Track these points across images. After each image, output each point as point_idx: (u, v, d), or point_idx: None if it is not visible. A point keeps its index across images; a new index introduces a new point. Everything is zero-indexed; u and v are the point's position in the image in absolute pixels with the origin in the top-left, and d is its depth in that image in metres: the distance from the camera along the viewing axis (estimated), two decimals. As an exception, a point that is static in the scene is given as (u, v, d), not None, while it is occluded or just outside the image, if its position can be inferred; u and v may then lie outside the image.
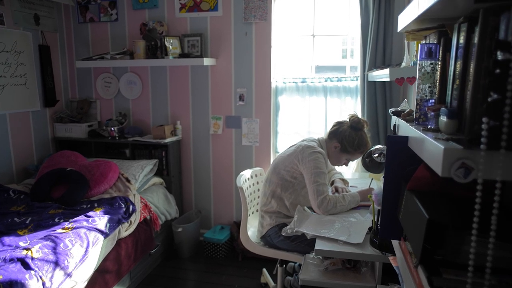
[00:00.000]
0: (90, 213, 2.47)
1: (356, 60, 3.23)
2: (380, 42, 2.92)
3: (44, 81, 3.54)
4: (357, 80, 3.20)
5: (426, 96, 1.13)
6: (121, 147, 3.63)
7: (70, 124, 3.64)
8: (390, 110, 1.54)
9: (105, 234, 2.36)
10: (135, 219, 2.73)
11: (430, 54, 1.11)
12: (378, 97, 3.01)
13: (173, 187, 3.53)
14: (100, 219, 2.41)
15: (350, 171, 3.23)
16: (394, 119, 1.42)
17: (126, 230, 2.61)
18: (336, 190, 2.31)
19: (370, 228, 1.76)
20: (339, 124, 2.32)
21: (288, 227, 2.00)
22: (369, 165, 1.82)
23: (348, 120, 2.30)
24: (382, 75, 2.30)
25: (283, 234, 2.04)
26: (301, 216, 2.03)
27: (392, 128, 1.46)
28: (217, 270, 3.21)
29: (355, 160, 2.59)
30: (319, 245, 1.71)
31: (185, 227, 3.34)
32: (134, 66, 3.62)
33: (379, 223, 1.65)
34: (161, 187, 3.39)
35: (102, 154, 3.64)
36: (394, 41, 2.95)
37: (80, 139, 3.61)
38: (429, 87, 1.13)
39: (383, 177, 1.28)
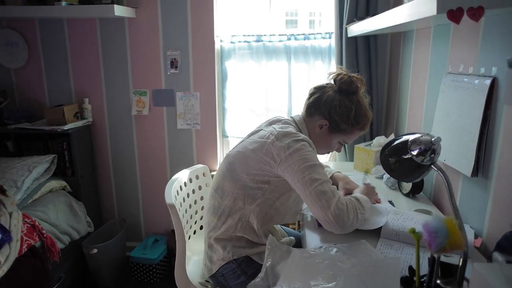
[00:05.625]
0: None
1: (329, 10, 2.41)
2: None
3: None
4: (330, 38, 2.39)
5: None
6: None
7: None
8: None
9: None
10: (9, 254, 1.74)
11: None
12: (360, 58, 2.23)
13: (83, 191, 2.53)
14: None
15: (322, 159, 2.45)
16: None
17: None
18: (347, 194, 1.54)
19: (404, 281, 0.98)
20: (320, 90, 1.48)
21: (255, 281, 1.15)
22: (397, 169, 1.01)
23: (333, 81, 1.47)
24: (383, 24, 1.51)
25: None
26: (275, 255, 1.20)
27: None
28: (150, 303, 2.33)
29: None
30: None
31: (103, 247, 2.39)
32: (11, 17, 2.48)
33: (435, 280, 0.87)
34: (62, 194, 2.38)
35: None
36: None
37: None
38: None
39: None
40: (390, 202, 1.59)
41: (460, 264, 0.88)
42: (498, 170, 1.20)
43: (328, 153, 1.58)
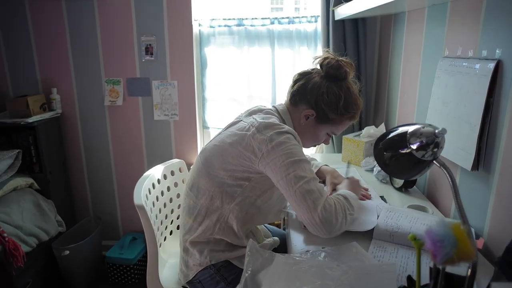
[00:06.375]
0: None
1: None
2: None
3: None
4: (316, 21, 2.24)
5: None
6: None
7: None
8: None
9: None
10: (-37, 262, 1.56)
11: None
12: (348, 43, 2.09)
13: (53, 188, 2.35)
14: None
15: (308, 151, 2.33)
16: None
17: None
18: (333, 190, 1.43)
19: (404, 291, 0.86)
20: (305, 76, 1.32)
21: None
22: (393, 165, 0.87)
23: (319, 66, 1.33)
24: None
25: None
26: (256, 262, 1.06)
27: None
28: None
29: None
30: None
31: (75, 248, 2.22)
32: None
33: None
34: (28, 192, 2.19)
35: None
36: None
37: None
38: None
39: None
40: (382, 197, 1.47)
41: (469, 275, 0.76)
42: (502, 163, 1.08)
43: (315, 146, 1.45)
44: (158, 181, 1.57)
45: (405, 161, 0.88)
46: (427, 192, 1.57)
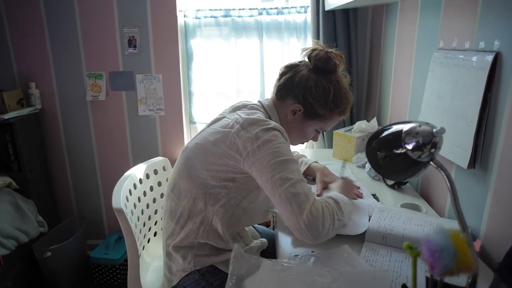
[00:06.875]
0: None
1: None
2: None
3: None
4: (305, 12, 2.16)
5: None
6: None
7: None
8: None
9: None
10: None
11: None
12: (338, 34, 2.02)
13: (33, 187, 2.25)
14: None
15: (297, 147, 2.26)
16: None
17: None
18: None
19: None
20: (292, 69, 1.25)
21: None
22: (387, 165, 0.80)
23: (307, 58, 1.26)
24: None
25: None
26: (241, 268, 0.99)
27: None
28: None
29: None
30: None
31: (58, 248, 2.14)
32: None
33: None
34: (6, 192, 2.09)
35: None
36: None
37: None
38: None
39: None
40: (374, 196, 1.42)
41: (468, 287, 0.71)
42: (500, 161, 1.03)
43: (303, 143, 1.38)
44: (140, 181, 1.49)
45: (399, 162, 0.81)
46: (421, 190, 1.52)
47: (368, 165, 1.66)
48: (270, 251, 1.38)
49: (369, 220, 1.19)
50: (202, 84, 2.33)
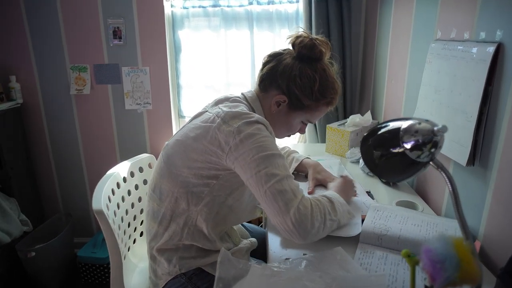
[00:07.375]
0: None
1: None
2: None
3: None
4: (297, 1, 2.08)
5: None
6: None
7: None
8: None
9: None
10: None
11: None
12: (331, 25, 1.95)
13: (15, 185, 2.17)
14: None
15: (288, 142, 2.20)
16: None
17: None
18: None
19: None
20: (276, 58, 1.18)
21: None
22: (383, 165, 0.74)
23: (291, 46, 1.19)
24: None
25: None
26: (228, 274, 0.93)
27: None
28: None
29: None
30: None
31: (43, 248, 2.07)
32: None
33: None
34: (-13, 190, 2.01)
35: None
36: None
37: None
38: None
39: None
40: (369, 193, 1.36)
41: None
42: (500, 158, 0.98)
43: (289, 136, 1.31)
44: (124, 179, 1.42)
45: (397, 161, 0.75)
46: (416, 187, 1.47)
47: (362, 160, 1.60)
48: (261, 251, 1.33)
49: (364, 219, 1.13)
50: (191, 77, 2.25)
